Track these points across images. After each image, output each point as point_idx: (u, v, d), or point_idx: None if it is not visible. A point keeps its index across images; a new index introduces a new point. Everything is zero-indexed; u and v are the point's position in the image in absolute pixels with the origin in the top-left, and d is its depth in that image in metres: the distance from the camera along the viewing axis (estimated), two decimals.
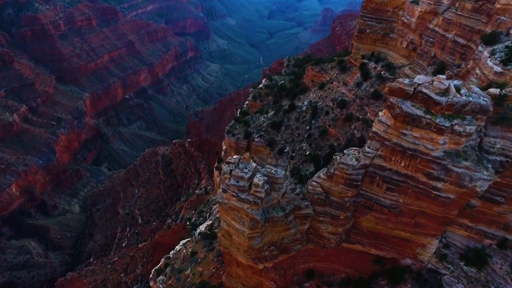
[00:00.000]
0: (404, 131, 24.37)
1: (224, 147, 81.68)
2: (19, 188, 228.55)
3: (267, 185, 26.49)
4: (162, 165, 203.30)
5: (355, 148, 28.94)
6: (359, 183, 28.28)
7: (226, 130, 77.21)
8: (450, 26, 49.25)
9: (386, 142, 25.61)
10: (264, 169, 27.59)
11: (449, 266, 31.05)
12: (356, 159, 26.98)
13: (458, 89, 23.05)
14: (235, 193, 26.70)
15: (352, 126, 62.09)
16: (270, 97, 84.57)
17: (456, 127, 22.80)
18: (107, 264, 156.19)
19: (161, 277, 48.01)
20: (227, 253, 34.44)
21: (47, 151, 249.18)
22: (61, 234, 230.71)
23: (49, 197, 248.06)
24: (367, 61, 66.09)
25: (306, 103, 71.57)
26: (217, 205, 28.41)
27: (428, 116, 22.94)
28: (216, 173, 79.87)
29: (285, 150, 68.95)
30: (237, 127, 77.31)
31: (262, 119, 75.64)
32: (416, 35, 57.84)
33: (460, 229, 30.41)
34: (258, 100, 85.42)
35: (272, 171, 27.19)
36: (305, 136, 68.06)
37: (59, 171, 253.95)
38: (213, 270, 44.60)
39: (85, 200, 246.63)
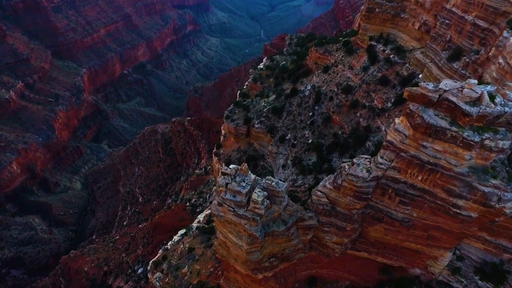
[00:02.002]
0: (424, 143, 21.26)
1: (223, 132, 78.61)
2: (20, 165, 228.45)
3: (267, 201, 23.75)
4: (161, 143, 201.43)
5: (366, 156, 25.90)
6: (370, 196, 25.52)
7: (225, 115, 73.82)
8: (470, 7, 44.59)
9: (402, 154, 22.56)
10: (264, 180, 24.73)
11: (463, 280, 28.89)
12: (367, 170, 24.03)
13: (492, 97, 19.66)
14: (232, 208, 24.05)
15: (358, 114, 58.68)
16: (271, 79, 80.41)
17: (486, 141, 19.67)
18: (109, 242, 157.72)
19: (158, 274, 46.50)
20: (224, 260, 32.32)
21: (46, 129, 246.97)
22: (63, 210, 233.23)
23: (51, 175, 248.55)
24: (375, 43, 61.59)
25: (309, 87, 67.67)
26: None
27: (454, 128, 19.72)
28: (215, 159, 77.31)
29: (287, 138, 65.95)
30: (236, 111, 73.81)
31: (263, 103, 72.01)
32: (430, 16, 53.12)
33: (477, 242, 27.94)
34: (259, 82, 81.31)
35: (273, 183, 24.35)
36: (308, 123, 64.77)
37: (59, 149, 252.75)
38: (211, 269, 42.90)
39: (86, 177, 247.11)
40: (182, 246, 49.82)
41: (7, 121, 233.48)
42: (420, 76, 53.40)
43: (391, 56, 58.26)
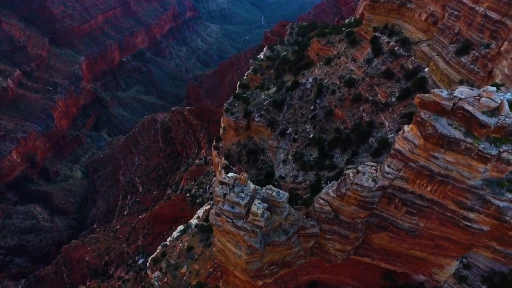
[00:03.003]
0: (436, 154, 19.83)
1: (222, 125, 77.00)
2: (20, 154, 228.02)
3: (267, 213, 22.52)
4: (161, 132, 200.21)
5: (372, 164, 24.51)
6: (375, 206, 24.27)
7: (224, 108, 72.11)
8: None
9: (411, 164, 21.18)
10: (264, 190, 23.42)
11: None
12: (373, 180, 22.69)
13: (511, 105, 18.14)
14: (230, 219, 22.85)
15: (361, 108, 56.93)
16: (271, 71, 78.33)
17: (504, 154, 18.23)
18: (110, 232, 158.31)
19: (157, 273, 45.87)
20: (224, 265, 31.39)
21: (45, 117, 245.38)
22: (64, 199, 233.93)
23: (51, 164, 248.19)
24: (380, 35, 59.30)
25: (310, 80, 65.70)
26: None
27: (469, 140, 18.26)
28: (214, 152, 75.94)
29: (287, 132, 64.39)
30: (236, 104, 72.05)
31: (263, 96, 70.18)
32: (438, 6, 50.79)
33: (486, 251, 26.86)
34: (259, 74, 79.24)
35: (274, 193, 23.06)
36: (309, 117, 63.08)
37: (59, 138, 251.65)
38: (210, 270, 42.14)
39: (86, 166, 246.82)
40: (181, 244, 49.04)
41: (5, 110, 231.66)
42: (426, 69, 51.48)
43: (396, 49, 56.13)
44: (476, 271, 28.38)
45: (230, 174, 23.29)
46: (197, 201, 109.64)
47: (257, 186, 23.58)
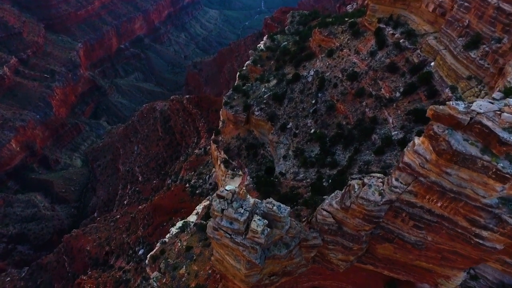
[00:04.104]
0: (448, 170, 18.45)
1: (221, 118, 75.37)
2: (19, 143, 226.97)
3: (268, 229, 21.30)
4: (160, 121, 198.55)
5: (378, 175, 23.14)
6: (381, 220, 23.05)
7: (223, 101, 70.33)
8: None
9: (421, 179, 19.81)
10: (264, 204, 22.11)
11: None
12: (380, 193, 21.39)
13: None
14: (229, 234, 21.66)
15: (364, 103, 55.21)
16: (272, 62, 76.11)
17: None
18: (110, 222, 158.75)
19: (155, 273, 45.20)
20: (223, 273, 30.44)
21: (43, 106, 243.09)
22: (65, 188, 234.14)
23: (50, 152, 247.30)
24: (384, 26, 56.99)
25: (312, 72, 63.69)
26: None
27: (486, 158, 16.83)
28: (213, 146, 74.63)
29: (288, 126, 62.86)
30: (235, 97, 70.24)
31: (263, 89, 68.29)
32: None
33: (495, 263, 25.80)
34: (259, 65, 77.04)
35: (274, 208, 21.76)
36: (310, 111, 61.40)
37: (58, 126, 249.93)
38: (209, 272, 41.43)
39: (86, 155, 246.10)
40: (179, 243, 48.23)
41: (3, 98, 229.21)
42: (432, 64, 49.52)
43: (401, 41, 53.95)
44: (484, 282, 27.48)
45: (228, 187, 21.98)
46: (197, 191, 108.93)
47: (256, 200, 22.30)
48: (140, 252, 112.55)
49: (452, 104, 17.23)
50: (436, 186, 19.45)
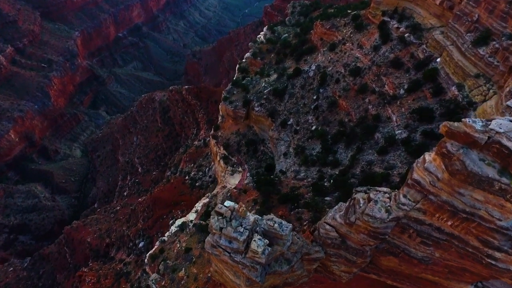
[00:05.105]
0: (461, 191, 17.30)
1: (221, 113, 73.86)
2: (18, 134, 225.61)
3: (269, 248, 20.24)
4: (159, 112, 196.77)
5: (385, 190, 21.98)
6: (387, 236, 22.01)
7: (222, 96, 68.70)
8: None
9: (432, 197, 18.67)
10: (264, 221, 20.97)
11: None
12: (386, 210, 20.28)
13: None
14: (228, 252, 20.63)
15: (367, 100, 53.70)
16: (272, 55, 74.15)
17: None
18: (110, 213, 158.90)
19: (154, 275, 44.59)
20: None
21: (41, 96, 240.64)
22: (65, 178, 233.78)
23: (50, 142, 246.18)
24: (388, 19, 55.04)
25: (313, 67, 61.90)
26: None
27: (504, 180, 15.60)
28: (213, 141, 73.37)
29: (289, 122, 61.48)
30: (235, 92, 68.58)
31: (263, 84, 66.58)
32: None
33: (504, 277, 24.85)
34: (259, 58, 75.10)
35: (275, 225, 20.63)
36: (312, 107, 59.90)
37: (56, 116, 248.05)
38: (209, 275, 40.70)
39: (85, 145, 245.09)
40: (178, 244, 47.50)
41: (0, 88, 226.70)
42: (438, 60, 47.84)
43: (406, 35, 52.11)
44: None
45: (227, 203, 20.83)
46: (197, 184, 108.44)
47: (257, 217, 21.18)
48: (141, 244, 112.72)
49: (469, 121, 15.92)
50: (447, 206, 18.32)
